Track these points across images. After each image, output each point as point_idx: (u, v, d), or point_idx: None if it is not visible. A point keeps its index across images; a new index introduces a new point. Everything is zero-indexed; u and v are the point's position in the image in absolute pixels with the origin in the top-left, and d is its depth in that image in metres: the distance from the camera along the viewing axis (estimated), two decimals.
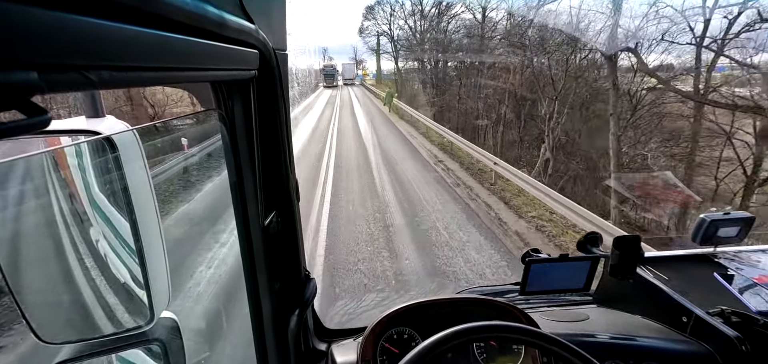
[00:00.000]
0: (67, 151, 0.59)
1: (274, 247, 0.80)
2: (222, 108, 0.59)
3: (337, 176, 8.40)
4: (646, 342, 0.99)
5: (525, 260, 1.08)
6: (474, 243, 5.29)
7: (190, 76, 0.40)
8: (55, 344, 0.55)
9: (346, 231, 5.56)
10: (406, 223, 5.87)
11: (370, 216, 6.15)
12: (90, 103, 0.62)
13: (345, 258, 4.80)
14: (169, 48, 0.32)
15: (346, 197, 7.08)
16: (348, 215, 6.17)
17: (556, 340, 0.68)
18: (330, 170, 8.86)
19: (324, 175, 8.48)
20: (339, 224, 5.80)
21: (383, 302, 4.27)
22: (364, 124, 16.50)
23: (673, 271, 1.22)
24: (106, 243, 0.59)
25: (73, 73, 0.23)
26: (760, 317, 0.94)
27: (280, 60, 0.66)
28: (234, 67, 0.50)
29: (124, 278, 0.59)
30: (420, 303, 0.99)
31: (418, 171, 8.90)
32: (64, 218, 0.58)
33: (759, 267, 1.22)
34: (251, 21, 0.54)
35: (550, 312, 1.16)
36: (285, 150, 0.76)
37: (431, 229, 5.68)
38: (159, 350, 0.65)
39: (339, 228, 5.66)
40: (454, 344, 0.65)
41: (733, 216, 1.26)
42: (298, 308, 0.91)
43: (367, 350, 0.93)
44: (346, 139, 12.96)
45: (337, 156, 10.27)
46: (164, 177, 3.71)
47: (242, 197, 0.68)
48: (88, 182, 0.57)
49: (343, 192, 7.34)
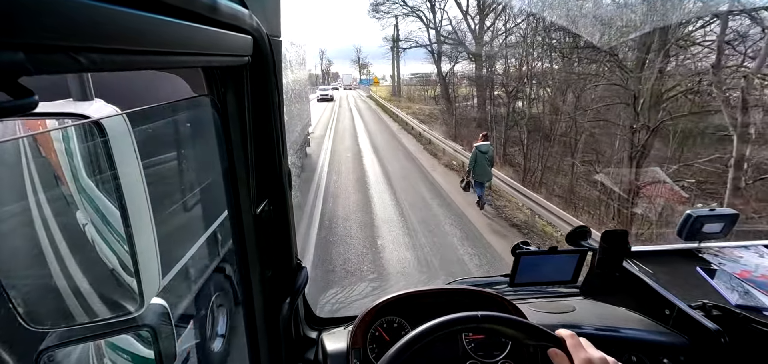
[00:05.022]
0: (54, 135, 0.58)
1: (265, 235, 0.79)
2: (214, 94, 0.58)
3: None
4: (629, 334, 1.02)
5: (515, 252, 1.10)
6: None
7: (182, 62, 0.39)
8: (43, 329, 0.54)
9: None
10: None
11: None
12: (78, 86, 0.61)
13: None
14: (160, 31, 0.32)
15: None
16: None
17: (545, 332, 0.69)
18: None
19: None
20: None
21: (374, 291, 4.30)
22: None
23: (658, 265, 1.25)
24: (94, 229, 0.58)
25: (60, 55, 0.22)
26: (739, 310, 0.97)
27: (274, 47, 0.65)
28: (227, 53, 0.50)
29: (112, 264, 0.59)
30: (410, 293, 1.00)
31: None
32: (51, 202, 0.57)
33: (741, 263, 1.26)
34: (245, 6, 0.53)
35: (538, 303, 1.18)
36: (278, 138, 0.75)
37: None
38: (148, 336, 0.65)
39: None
40: (443, 333, 0.66)
41: (718, 212, 1.29)
42: (290, 296, 0.91)
43: (358, 338, 0.94)
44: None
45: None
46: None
47: (234, 185, 0.68)
48: (76, 167, 0.56)
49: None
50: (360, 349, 0.93)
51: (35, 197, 0.55)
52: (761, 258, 1.28)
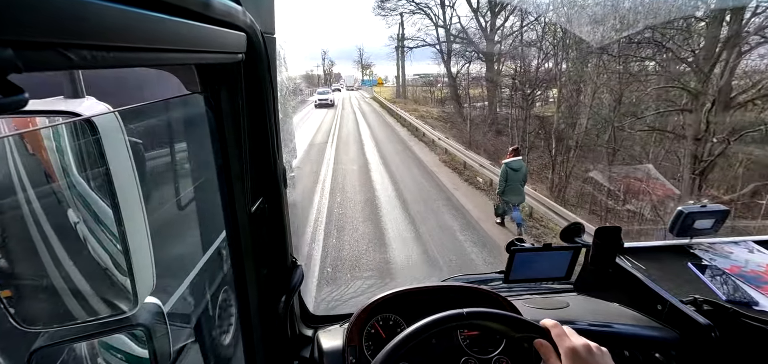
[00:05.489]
0: (45, 133, 0.57)
1: (260, 233, 0.79)
2: (208, 92, 0.58)
3: None
4: (622, 329, 1.03)
5: (510, 249, 1.11)
6: None
7: (175, 59, 0.39)
8: (35, 329, 0.54)
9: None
10: None
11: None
12: (69, 83, 0.60)
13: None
14: (152, 28, 0.31)
15: None
16: None
17: (538, 327, 0.70)
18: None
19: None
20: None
21: (370, 289, 4.31)
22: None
23: (650, 261, 1.26)
24: (86, 228, 0.58)
25: (50, 52, 0.22)
26: (730, 305, 0.99)
27: (269, 44, 0.65)
28: (221, 50, 0.49)
29: (105, 263, 0.58)
30: (406, 290, 1.00)
31: None
32: (42, 201, 0.56)
33: (731, 258, 1.28)
34: (238, 2, 0.52)
35: (532, 300, 1.19)
36: (273, 136, 0.75)
37: None
38: (143, 335, 0.65)
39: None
40: (438, 330, 0.66)
41: (709, 209, 1.31)
42: (285, 294, 0.91)
43: (353, 336, 0.94)
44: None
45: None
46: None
47: (229, 183, 0.68)
48: (67, 165, 0.55)
49: None
50: (356, 346, 0.94)
51: (25, 196, 0.55)
52: (751, 254, 1.30)
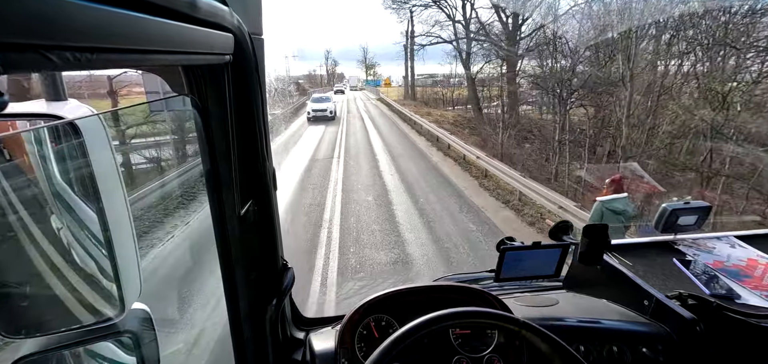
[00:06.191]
0: (25, 136, 0.55)
1: (250, 236, 0.78)
2: (195, 94, 0.57)
3: None
4: (610, 325, 1.05)
5: (500, 247, 1.12)
6: None
7: (160, 60, 0.39)
8: (19, 338, 0.52)
9: None
10: None
11: None
12: (50, 86, 0.59)
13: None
14: (136, 29, 0.31)
15: None
16: None
17: (528, 324, 0.71)
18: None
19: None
20: None
21: (361, 290, 4.30)
22: None
23: (637, 257, 1.29)
24: (70, 233, 0.56)
25: (31, 53, 0.21)
26: (714, 299, 1.01)
27: (256, 45, 0.64)
28: (207, 51, 0.49)
29: (91, 269, 0.57)
30: (397, 291, 1.00)
31: None
32: (24, 207, 0.55)
33: (714, 253, 1.31)
34: (225, 3, 0.52)
35: (522, 298, 1.20)
36: (262, 138, 0.74)
37: None
38: (130, 342, 0.64)
39: None
40: (430, 330, 0.66)
41: (693, 205, 1.34)
42: (276, 297, 0.90)
43: (346, 338, 0.94)
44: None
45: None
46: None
47: (217, 186, 0.67)
48: (50, 170, 0.54)
49: None
50: (348, 348, 0.93)
51: (7, 200, 0.53)
52: (732, 249, 1.33)
